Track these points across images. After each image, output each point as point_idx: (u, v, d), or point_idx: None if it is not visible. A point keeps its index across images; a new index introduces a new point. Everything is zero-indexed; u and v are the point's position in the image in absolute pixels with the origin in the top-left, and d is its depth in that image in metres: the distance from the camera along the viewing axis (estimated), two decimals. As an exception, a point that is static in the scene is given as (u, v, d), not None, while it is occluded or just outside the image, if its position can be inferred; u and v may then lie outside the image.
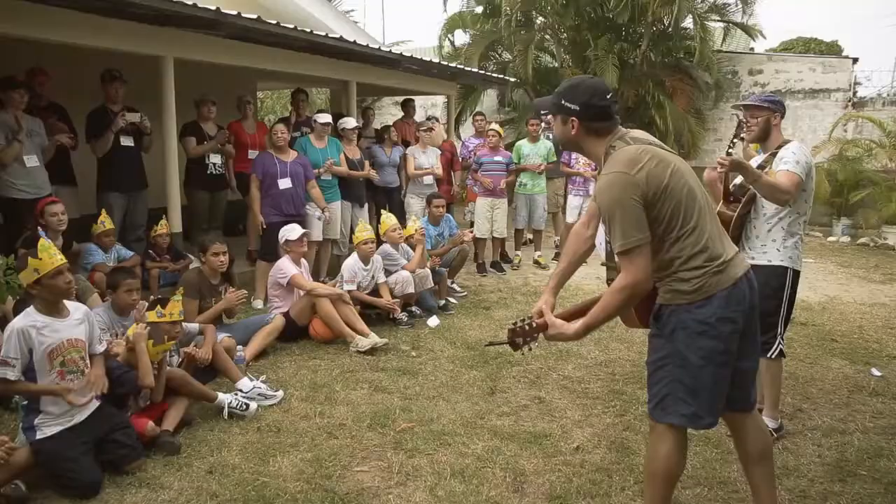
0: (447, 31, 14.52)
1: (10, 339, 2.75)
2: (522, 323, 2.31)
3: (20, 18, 4.32)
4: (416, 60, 8.11)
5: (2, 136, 4.78)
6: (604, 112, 2.18)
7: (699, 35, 11.58)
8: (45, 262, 2.80)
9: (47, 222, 4.47)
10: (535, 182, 7.73)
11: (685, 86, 12.42)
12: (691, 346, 2.11)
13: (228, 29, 5.40)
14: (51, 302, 2.87)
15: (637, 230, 2.01)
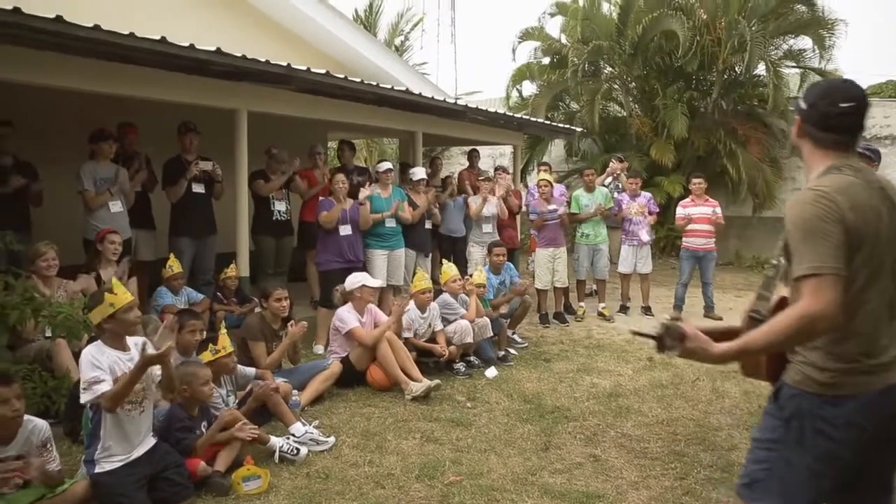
0: (515, 82, 14.75)
1: (88, 362, 2.89)
2: (673, 322, 1.92)
3: (114, 77, 4.69)
4: (481, 112, 8.24)
5: (91, 184, 5.17)
6: (831, 121, 1.83)
7: (772, 82, 11.28)
8: (120, 298, 2.97)
9: (104, 249, 4.73)
10: (596, 231, 7.62)
11: (759, 134, 12.09)
12: (805, 443, 1.80)
13: (298, 83, 5.67)
14: (119, 336, 3.03)
15: (834, 259, 1.68)
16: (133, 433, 3.02)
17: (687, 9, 12.21)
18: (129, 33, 4.12)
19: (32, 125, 5.45)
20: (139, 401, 3.04)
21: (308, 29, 8.20)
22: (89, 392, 2.86)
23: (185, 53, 4.53)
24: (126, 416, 2.98)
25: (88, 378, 2.86)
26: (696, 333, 1.84)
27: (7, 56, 4.04)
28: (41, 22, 3.74)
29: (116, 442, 2.97)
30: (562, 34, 14.28)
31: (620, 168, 8.39)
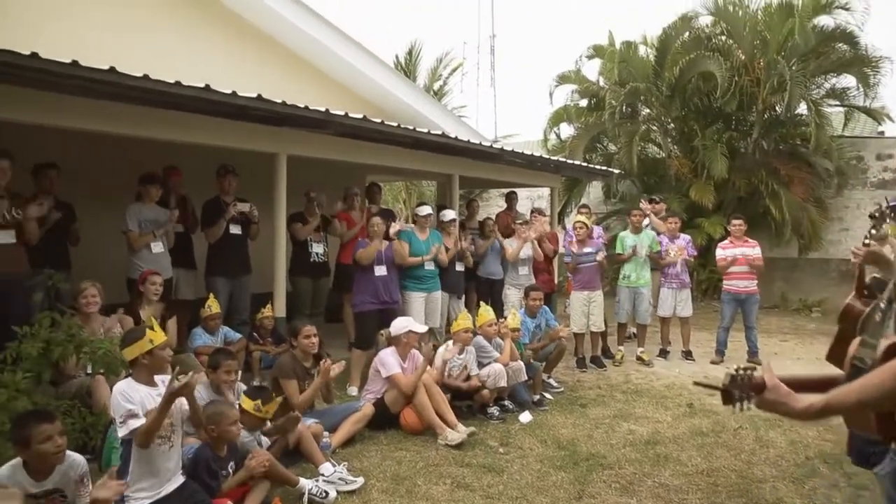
0: (553, 125, 14.86)
1: (121, 398, 2.95)
2: (744, 372, 1.76)
3: (161, 123, 4.88)
4: (517, 154, 8.29)
5: (135, 224, 5.36)
6: None
7: (815, 121, 11.08)
8: (158, 335, 3.06)
9: (146, 290, 4.86)
10: (639, 274, 7.50)
11: (803, 173, 11.84)
12: None
13: (337, 127, 5.81)
14: (151, 372, 3.09)
15: None
16: (162, 468, 3.05)
17: (724, 50, 12.21)
18: (176, 82, 4.31)
19: (77, 167, 5.66)
20: (168, 435, 3.07)
21: (347, 74, 8.43)
22: (124, 427, 2.92)
23: (227, 100, 4.69)
24: (156, 449, 3.02)
25: (123, 413, 2.92)
26: (776, 384, 1.68)
27: (61, 104, 4.25)
28: (96, 73, 3.94)
29: (145, 477, 3.01)
30: (599, 77, 14.38)
31: (651, 209, 8.28)
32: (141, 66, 4.23)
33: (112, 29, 6.21)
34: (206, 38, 7.15)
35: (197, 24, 7.11)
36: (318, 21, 7.86)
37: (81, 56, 3.89)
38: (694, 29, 12.73)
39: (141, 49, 6.15)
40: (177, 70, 4.61)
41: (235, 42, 7.48)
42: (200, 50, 6.99)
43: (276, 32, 7.81)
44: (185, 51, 6.76)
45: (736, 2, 11.99)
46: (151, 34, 6.59)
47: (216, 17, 7.27)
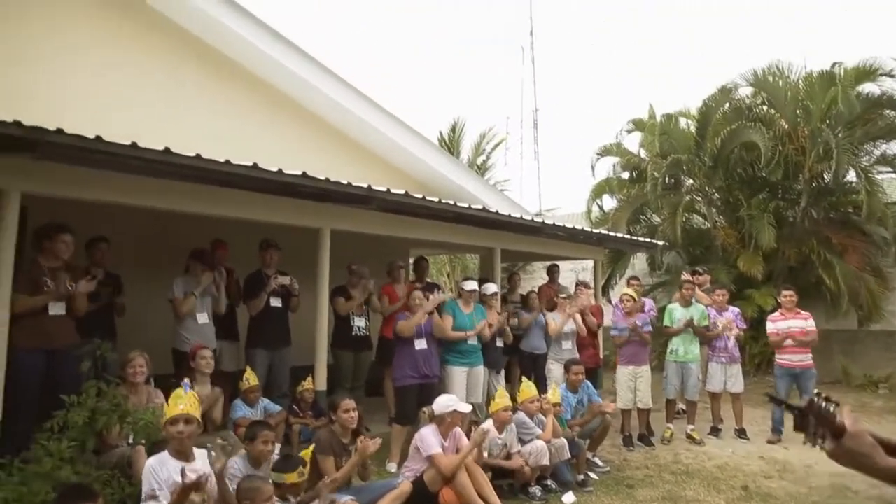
0: (595, 197, 14.87)
1: (148, 475, 2.97)
2: (827, 403, 1.51)
3: (211, 200, 5.11)
4: (559, 227, 8.30)
5: (181, 292, 5.53)
6: None
7: (865, 188, 10.82)
8: (170, 408, 3.09)
9: (197, 365, 4.93)
10: (687, 349, 7.26)
11: (857, 242, 11.47)
12: None
13: (379, 203, 5.95)
14: (176, 448, 3.10)
15: None
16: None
17: (766, 119, 12.18)
18: (226, 160, 4.52)
19: (125, 240, 5.91)
20: None
21: (390, 149, 8.69)
22: None
23: (274, 177, 4.89)
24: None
25: (146, 491, 2.93)
26: (860, 431, 1.43)
27: (119, 182, 4.51)
28: (153, 153, 4.19)
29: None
30: (640, 149, 14.47)
31: (695, 281, 8.08)
32: (192, 145, 4.47)
33: (165, 109, 6.60)
34: (254, 117, 7.54)
35: (245, 102, 7.51)
36: (363, 100, 8.19)
37: (135, 135, 4.15)
38: (734, 100, 12.79)
39: (193, 128, 6.50)
40: (225, 148, 4.86)
41: (282, 120, 7.85)
42: (249, 128, 7.35)
43: (323, 111, 8.15)
44: (234, 129, 7.11)
45: (776, 72, 12.02)
46: (202, 114, 6.99)
47: (265, 97, 7.68)
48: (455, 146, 17.44)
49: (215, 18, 6.86)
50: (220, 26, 6.95)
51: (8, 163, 4.01)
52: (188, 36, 6.99)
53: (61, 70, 5.99)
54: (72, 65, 6.09)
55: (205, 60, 7.16)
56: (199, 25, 6.95)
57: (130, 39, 6.58)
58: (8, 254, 4.08)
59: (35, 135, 3.69)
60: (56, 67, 5.96)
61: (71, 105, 5.72)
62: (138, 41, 6.64)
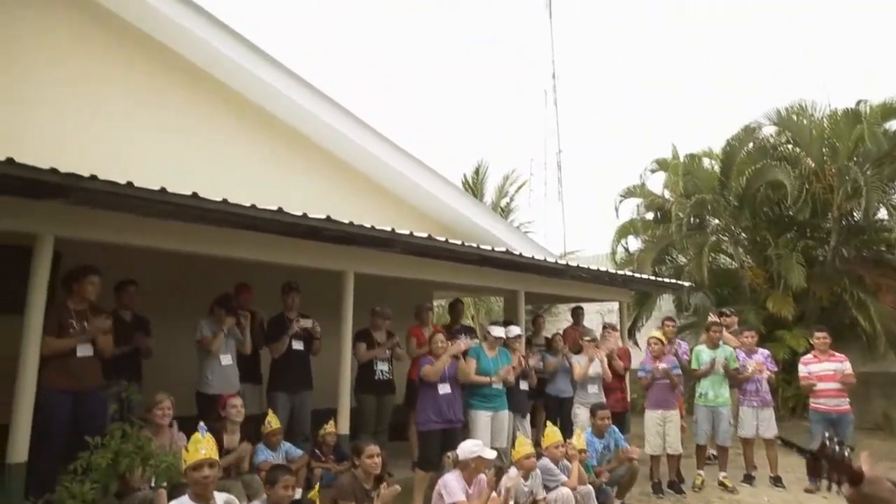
0: (619, 238, 14.81)
1: None
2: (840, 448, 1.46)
3: (237, 243, 5.20)
4: (583, 269, 8.26)
5: (209, 331, 5.60)
6: None
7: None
8: (190, 454, 3.08)
9: (228, 414, 4.93)
10: (717, 392, 7.07)
11: (891, 281, 11.19)
12: None
13: (402, 246, 5.99)
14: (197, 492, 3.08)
15: None
16: None
17: (791, 158, 12.10)
18: (251, 205, 4.61)
19: (153, 283, 6.00)
20: None
21: (413, 192, 8.81)
22: None
23: (298, 221, 4.97)
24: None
25: None
26: (878, 477, 1.37)
27: (148, 226, 4.62)
28: (181, 198, 4.30)
29: None
30: (664, 189, 14.44)
31: (720, 322, 7.91)
32: (219, 190, 4.58)
33: (193, 153, 6.82)
34: (278, 161, 7.72)
35: (269, 146, 7.71)
36: (389, 146, 8.37)
37: (164, 180, 4.27)
38: (758, 139, 12.76)
39: (219, 173, 6.67)
40: (250, 192, 4.97)
41: (306, 164, 8.02)
42: (273, 172, 7.53)
43: (349, 156, 8.33)
44: (259, 173, 7.28)
45: (799, 110, 11.98)
46: (228, 158, 7.20)
47: (290, 142, 7.88)
48: (479, 189, 17.59)
49: (240, 65, 7.13)
50: (245, 73, 7.21)
51: (43, 208, 4.14)
52: (215, 82, 7.26)
53: (90, 115, 6.25)
54: (101, 110, 6.36)
55: (230, 106, 7.40)
56: (226, 72, 7.22)
57: (158, 86, 6.86)
58: (40, 296, 4.17)
59: (70, 181, 3.81)
60: (85, 112, 6.22)
61: (100, 150, 5.94)
62: (166, 88, 6.90)
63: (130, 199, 4.14)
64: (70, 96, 6.20)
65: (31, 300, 4.12)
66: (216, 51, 6.97)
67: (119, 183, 3.98)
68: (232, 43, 7.04)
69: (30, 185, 3.81)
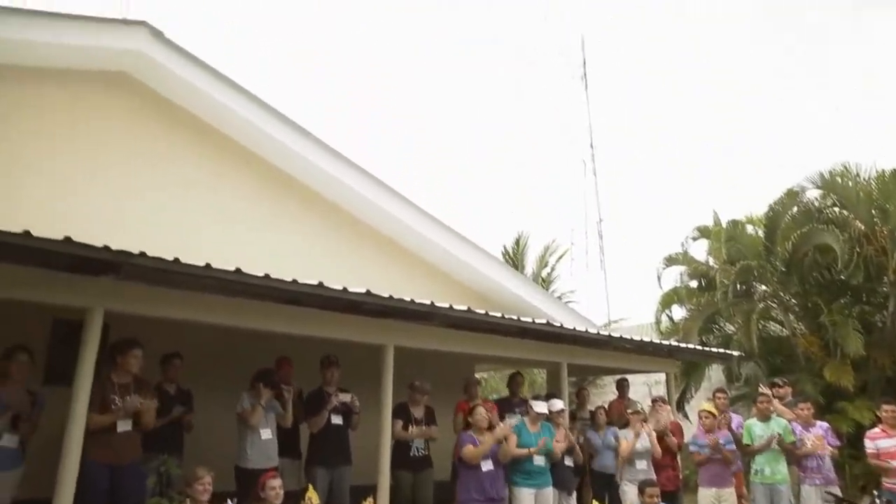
0: (664, 307, 14.49)
1: None
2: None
3: (279, 317, 5.25)
4: (627, 340, 8.06)
5: (248, 404, 5.60)
6: None
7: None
8: None
9: (266, 495, 4.84)
10: (774, 469, 6.67)
11: (960, 347, 10.58)
12: None
13: (442, 319, 5.97)
14: None
15: None
16: None
17: (839, 221, 11.77)
18: (292, 280, 4.70)
19: (195, 355, 6.07)
20: None
21: (453, 264, 8.85)
22: None
23: (339, 295, 5.02)
24: None
25: None
26: None
27: (193, 300, 4.73)
28: (225, 274, 4.41)
29: None
30: (707, 257, 14.19)
31: (774, 393, 7.54)
32: (259, 264, 4.69)
33: (237, 228, 7.06)
34: (318, 235, 7.91)
35: (309, 221, 7.93)
36: (429, 219, 8.51)
37: (211, 255, 4.41)
38: (802, 203, 12.50)
39: (262, 247, 6.85)
40: (299, 269, 5.07)
41: (346, 237, 8.18)
42: (314, 246, 7.70)
43: (387, 229, 8.50)
44: (300, 247, 7.45)
45: (844, 173, 11.75)
46: (270, 232, 7.40)
47: (331, 217, 8.08)
48: (519, 259, 17.62)
49: (282, 142, 7.42)
50: (287, 150, 7.50)
51: (94, 283, 4.29)
52: (259, 160, 7.61)
53: (140, 193, 6.58)
54: (149, 189, 6.69)
55: (272, 182, 7.70)
56: (269, 150, 7.57)
57: (205, 164, 7.23)
58: (88, 369, 4.25)
59: (120, 257, 3.98)
60: (135, 191, 6.56)
61: (147, 227, 6.20)
62: (212, 166, 7.26)
63: (177, 274, 4.27)
64: (120, 175, 6.56)
65: (79, 373, 4.21)
66: (261, 131, 7.31)
67: (166, 259, 4.12)
68: (276, 123, 7.39)
69: (84, 262, 3.98)
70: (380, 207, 8.13)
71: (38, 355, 5.20)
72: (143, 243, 4.14)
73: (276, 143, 7.48)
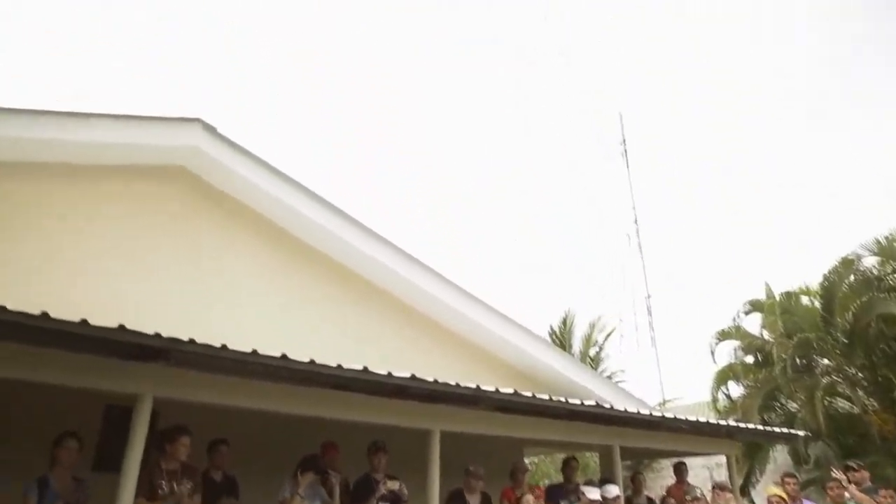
0: (719, 384, 13.93)
1: None
2: None
3: (325, 403, 5.22)
4: (682, 421, 7.69)
5: (289, 493, 5.46)
6: None
7: None
8: None
9: None
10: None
11: None
12: None
13: (488, 402, 5.84)
14: None
15: None
16: None
17: (901, 288, 11.30)
18: (337, 365, 4.68)
19: (241, 441, 5.99)
20: None
21: (498, 346, 8.72)
22: None
23: (383, 380, 4.98)
24: None
25: None
26: None
27: (240, 386, 4.74)
28: (271, 360, 4.43)
29: None
30: (762, 330, 13.69)
31: (847, 477, 6.99)
32: (302, 347, 4.70)
33: (281, 314, 7.13)
34: (363, 320, 7.92)
35: (354, 306, 7.97)
36: (477, 303, 8.49)
37: (256, 340, 4.44)
38: (859, 271, 12.06)
39: (306, 332, 6.89)
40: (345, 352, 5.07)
41: (391, 321, 8.17)
42: (358, 331, 7.70)
43: (435, 313, 8.48)
44: (345, 332, 7.46)
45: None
46: (315, 318, 7.47)
47: (377, 302, 8.11)
48: (566, 338, 17.31)
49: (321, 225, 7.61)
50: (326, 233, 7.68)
51: (145, 370, 4.36)
52: (299, 243, 7.78)
53: (189, 282, 6.77)
54: (197, 278, 6.87)
55: (312, 265, 7.86)
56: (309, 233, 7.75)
57: (247, 251, 7.41)
58: (136, 456, 4.25)
59: (171, 344, 4.05)
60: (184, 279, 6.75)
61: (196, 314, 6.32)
62: (253, 252, 7.45)
63: (224, 360, 4.31)
64: (171, 264, 6.79)
65: (127, 459, 4.22)
66: (307, 218, 7.52)
67: (214, 346, 4.18)
68: (320, 208, 7.61)
69: (135, 349, 4.08)
70: (418, 287, 8.15)
71: (90, 441, 5.26)
72: (192, 330, 4.21)
73: (315, 224, 7.68)
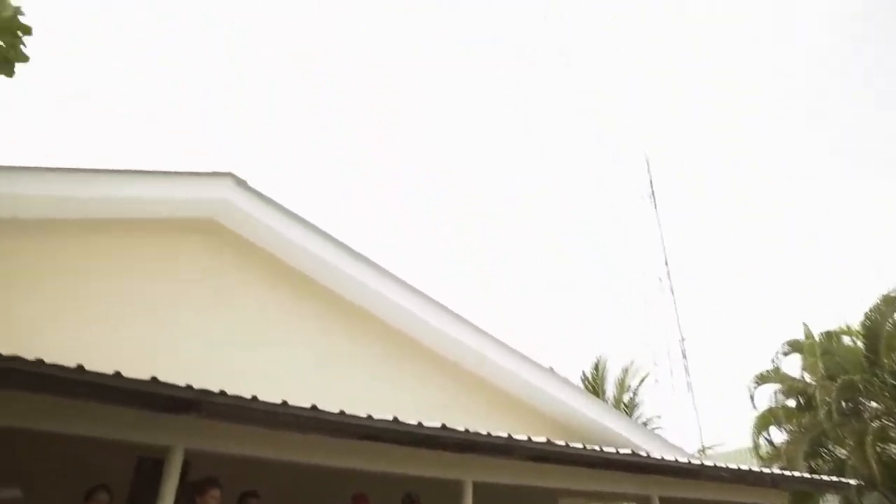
0: (760, 429, 13.45)
1: None
2: None
3: (355, 453, 5.17)
4: (722, 469, 7.40)
5: None
6: None
7: None
8: None
9: None
10: None
11: None
12: None
13: (520, 452, 5.72)
14: None
15: None
16: None
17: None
18: (367, 415, 4.66)
19: (272, 493, 5.92)
20: None
21: (530, 393, 8.58)
22: None
23: (414, 430, 4.93)
24: None
25: None
26: None
27: (270, 438, 4.73)
28: (301, 411, 4.44)
29: None
30: (803, 372, 13.25)
31: None
32: (334, 399, 4.68)
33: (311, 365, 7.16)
34: (393, 369, 7.89)
35: (384, 355, 7.97)
36: (508, 351, 8.42)
37: (284, 393, 4.43)
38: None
39: (335, 382, 6.88)
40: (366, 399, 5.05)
41: (421, 371, 8.11)
42: (389, 380, 7.66)
43: (466, 363, 8.42)
44: (374, 382, 7.43)
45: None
46: (345, 367, 7.47)
47: (407, 351, 8.08)
48: (599, 384, 16.97)
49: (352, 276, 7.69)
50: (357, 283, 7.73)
51: (176, 422, 4.39)
52: (330, 294, 7.83)
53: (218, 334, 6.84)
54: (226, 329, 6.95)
55: (344, 316, 7.89)
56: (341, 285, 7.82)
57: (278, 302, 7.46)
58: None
59: (202, 396, 4.11)
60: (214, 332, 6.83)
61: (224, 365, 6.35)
62: (283, 301, 7.51)
63: (255, 412, 4.34)
64: (200, 315, 6.87)
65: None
66: (336, 268, 7.60)
67: (244, 397, 4.21)
68: (350, 260, 7.68)
69: (167, 401, 4.13)
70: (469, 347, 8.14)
71: (121, 493, 5.26)
72: (223, 383, 4.24)
73: (345, 275, 7.73)
